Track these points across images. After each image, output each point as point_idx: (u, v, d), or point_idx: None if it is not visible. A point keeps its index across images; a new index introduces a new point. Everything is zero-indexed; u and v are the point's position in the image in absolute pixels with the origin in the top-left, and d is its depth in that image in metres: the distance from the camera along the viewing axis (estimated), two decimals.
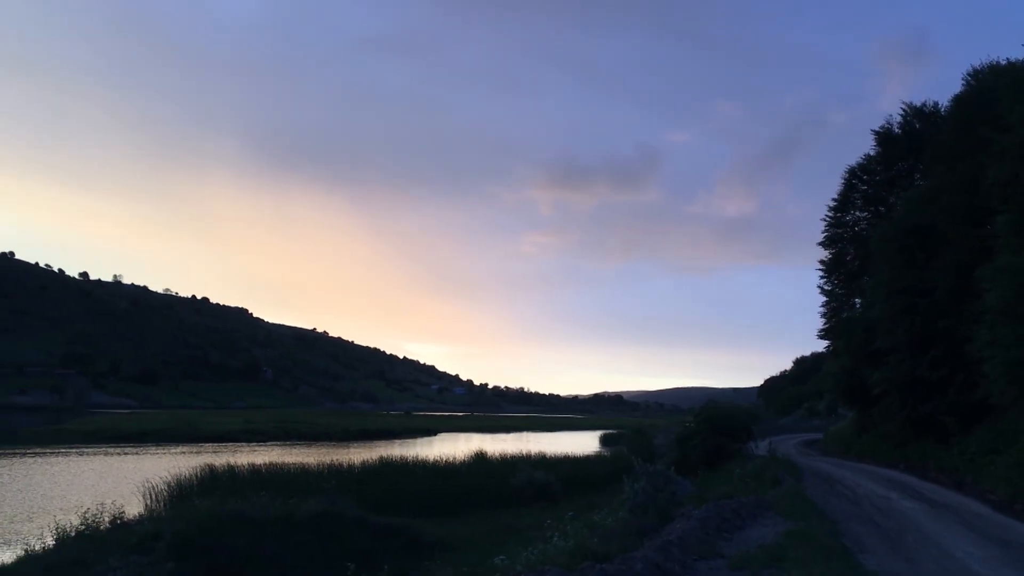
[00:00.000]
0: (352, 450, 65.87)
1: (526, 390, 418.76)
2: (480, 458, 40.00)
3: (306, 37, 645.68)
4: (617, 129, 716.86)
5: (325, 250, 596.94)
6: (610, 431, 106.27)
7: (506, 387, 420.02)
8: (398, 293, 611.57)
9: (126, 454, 63.30)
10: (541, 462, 39.32)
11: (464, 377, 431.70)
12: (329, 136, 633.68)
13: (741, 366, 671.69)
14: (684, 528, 14.24)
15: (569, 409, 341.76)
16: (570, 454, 46.36)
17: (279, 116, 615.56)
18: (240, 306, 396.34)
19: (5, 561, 17.79)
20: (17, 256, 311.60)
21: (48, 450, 64.52)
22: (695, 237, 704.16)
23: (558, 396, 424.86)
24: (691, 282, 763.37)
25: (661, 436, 58.95)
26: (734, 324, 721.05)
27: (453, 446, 73.48)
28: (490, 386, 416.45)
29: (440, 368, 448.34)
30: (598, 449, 68.95)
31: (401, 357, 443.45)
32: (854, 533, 15.24)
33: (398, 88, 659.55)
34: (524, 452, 44.69)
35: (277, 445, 76.15)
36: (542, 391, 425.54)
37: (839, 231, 49.37)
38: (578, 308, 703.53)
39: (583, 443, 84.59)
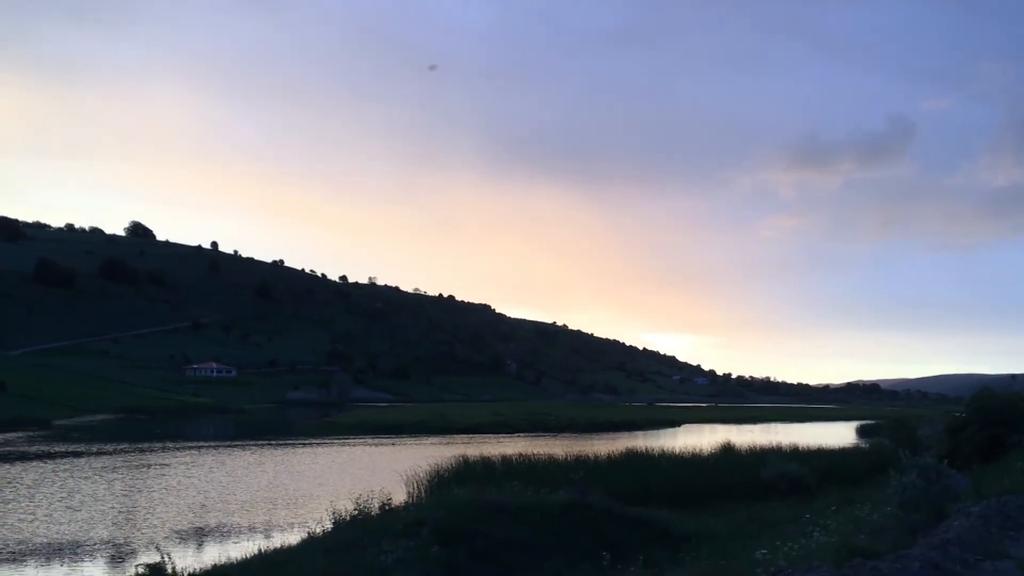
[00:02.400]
0: (597, 441, 66.62)
1: (772, 380, 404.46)
2: (727, 449, 39.03)
3: (539, 37, 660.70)
4: (864, 101, 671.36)
5: (564, 245, 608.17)
6: (867, 422, 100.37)
7: (751, 377, 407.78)
8: (636, 284, 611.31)
9: (383, 444, 67.68)
10: (793, 454, 37.74)
11: (706, 367, 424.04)
12: (567, 133, 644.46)
13: (1020, 350, 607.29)
14: (963, 526, 13.07)
15: (820, 399, 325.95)
16: (823, 446, 44.10)
17: (517, 116, 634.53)
18: (484, 302, 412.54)
19: (292, 542, 19.53)
20: (286, 263, 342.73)
21: (318, 441, 70.37)
22: (957, 212, 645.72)
23: (807, 386, 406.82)
24: (953, 261, 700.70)
25: (926, 427, 54.84)
26: (1007, 304, 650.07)
27: (698, 437, 72.36)
28: (734, 376, 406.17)
29: (681, 359, 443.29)
30: (854, 441, 65.20)
31: (641, 348, 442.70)
32: None
33: (632, 79, 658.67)
34: (774, 443, 43.11)
35: (523, 437, 78.38)
36: (790, 380, 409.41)
37: None
38: (826, 293, 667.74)
39: (837, 434, 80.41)
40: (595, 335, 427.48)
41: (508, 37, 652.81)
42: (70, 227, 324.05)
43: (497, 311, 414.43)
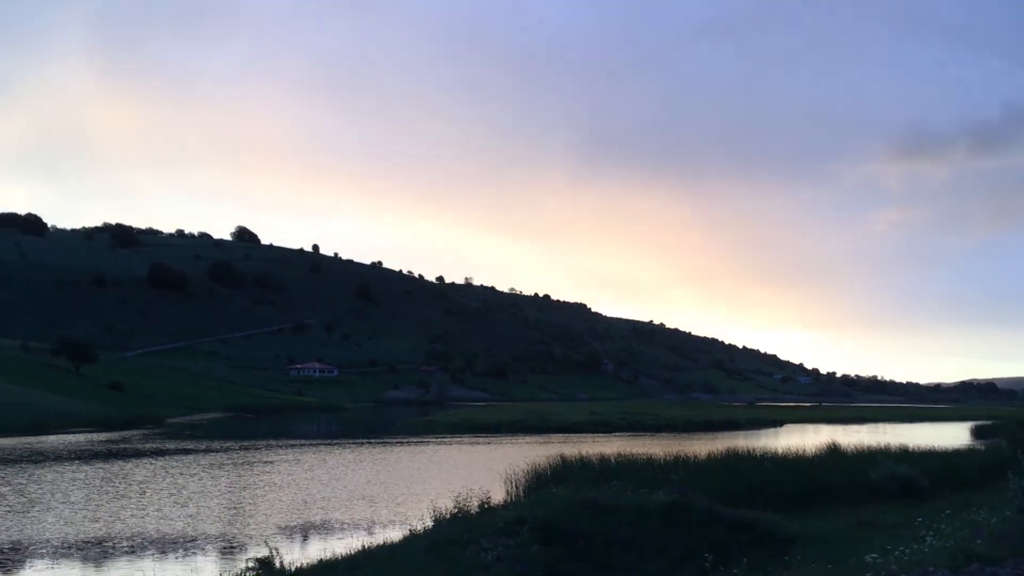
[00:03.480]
0: (696, 441, 65.61)
1: (879, 378, 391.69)
2: (833, 450, 37.83)
3: (633, 33, 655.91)
4: (977, 88, 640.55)
5: (659, 243, 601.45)
6: (982, 422, 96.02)
7: (856, 375, 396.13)
8: (736, 282, 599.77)
9: (480, 443, 68.16)
10: (903, 455, 36.30)
11: (809, 366, 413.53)
12: (660, 130, 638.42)
13: None
14: None
15: (931, 399, 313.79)
16: (936, 447, 42.34)
17: (612, 113, 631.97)
18: (579, 301, 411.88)
19: (394, 539, 19.89)
20: (384, 264, 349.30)
21: (417, 439, 71.45)
22: None
23: (917, 385, 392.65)
24: None
25: None
26: None
27: (801, 437, 70.53)
28: (838, 375, 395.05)
29: (782, 357, 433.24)
30: (969, 442, 62.45)
31: (740, 346, 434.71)
32: None
33: (728, 73, 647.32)
34: (882, 444, 41.63)
35: (621, 436, 77.81)
36: (898, 379, 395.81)
37: None
38: (936, 288, 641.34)
39: (950, 435, 77.19)
40: (693, 333, 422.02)
41: (602, 34, 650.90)
42: (180, 232, 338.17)
43: (593, 310, 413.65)
